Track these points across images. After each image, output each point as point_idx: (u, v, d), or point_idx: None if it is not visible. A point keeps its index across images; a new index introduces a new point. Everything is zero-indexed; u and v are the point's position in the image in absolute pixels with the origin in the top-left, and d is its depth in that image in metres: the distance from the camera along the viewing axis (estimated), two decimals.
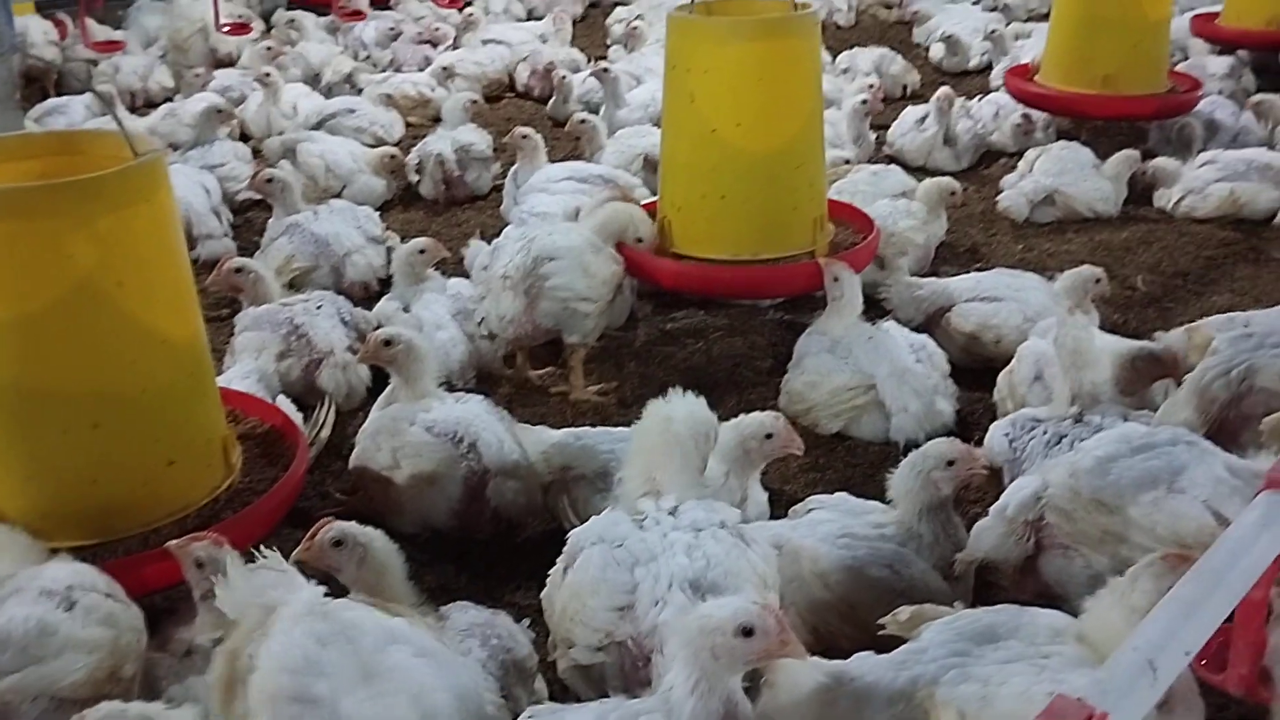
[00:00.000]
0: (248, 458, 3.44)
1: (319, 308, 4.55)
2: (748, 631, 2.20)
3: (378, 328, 4.48)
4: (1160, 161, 6.44)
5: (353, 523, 2.86)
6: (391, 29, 9.03)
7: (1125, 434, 3.22)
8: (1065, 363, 3.68)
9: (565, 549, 2.84)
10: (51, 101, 7.61)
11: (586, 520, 2.91)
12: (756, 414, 3.39)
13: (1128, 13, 6.75)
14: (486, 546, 3.64)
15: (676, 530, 2.71)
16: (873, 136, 7.01)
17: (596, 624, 2.63)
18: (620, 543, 2.71)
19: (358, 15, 9.48)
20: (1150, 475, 3.00)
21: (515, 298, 4.37)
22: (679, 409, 2.92)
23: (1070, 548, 3.03)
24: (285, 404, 3.92)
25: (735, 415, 3.78)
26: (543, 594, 2.87)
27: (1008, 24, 9.59)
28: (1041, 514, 3.08)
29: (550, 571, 2.86)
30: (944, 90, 7.07)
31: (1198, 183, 6.21)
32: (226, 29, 8.75)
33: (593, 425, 4.16)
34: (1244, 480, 2.97)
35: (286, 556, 3.49)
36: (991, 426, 3.79)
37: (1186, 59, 8.40)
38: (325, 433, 4.03)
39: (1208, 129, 7.01)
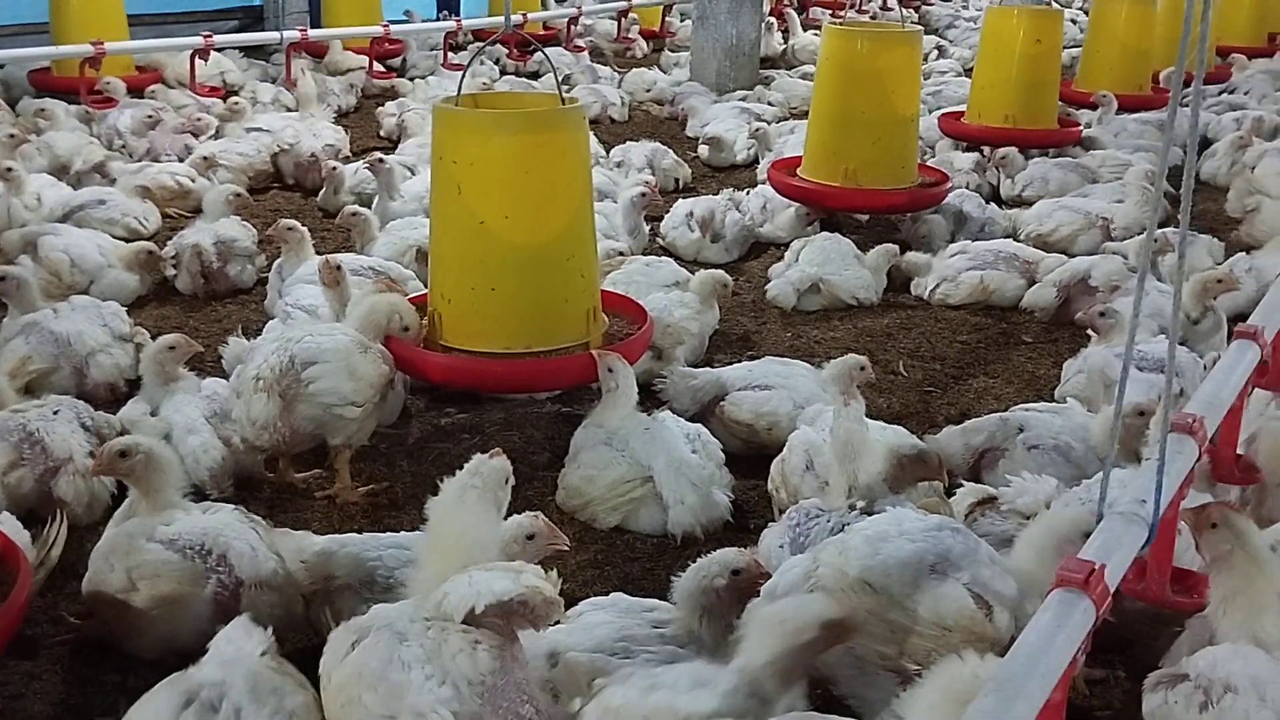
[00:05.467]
0: None
1: (55, 413, 4.19)
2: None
3: (122, 432, 4.21)
4: (911, 255, 6.78)
5: None
6: (149, 117, 8.60)
7: (895, 517, 3.28)
8: (838, 454, 3.72)
9: (360, 623, 2.82)
10: None
11: None
12: (515, 517, 3.29)
13: (875, 110, 7.12)
14: None
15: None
16: (647, 229, 7.10)
17: None
18: (405, 638, 2.70)
19: (109, 102, 9.02)
20: (916, 557, 3.05)
21: (269, 401, 4.13)
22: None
23: None
24: (8, 521, 3.56)
25: (513, 511, 3.66)
26: (323, 661, 2.82)
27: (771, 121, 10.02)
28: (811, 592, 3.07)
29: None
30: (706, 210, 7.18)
31: (950, 271, 6.56)
32: None
33: (362, 529, 3.96)
34: (1006, 568, 3.04)
35: (11, 690, 3.21)
36: (765, 531, 3.78)
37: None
38: (56, 552, 3.67)
39: (956, 221, 7.44)
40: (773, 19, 14.73)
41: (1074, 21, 16.37)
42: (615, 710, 2.68)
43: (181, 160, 8.12)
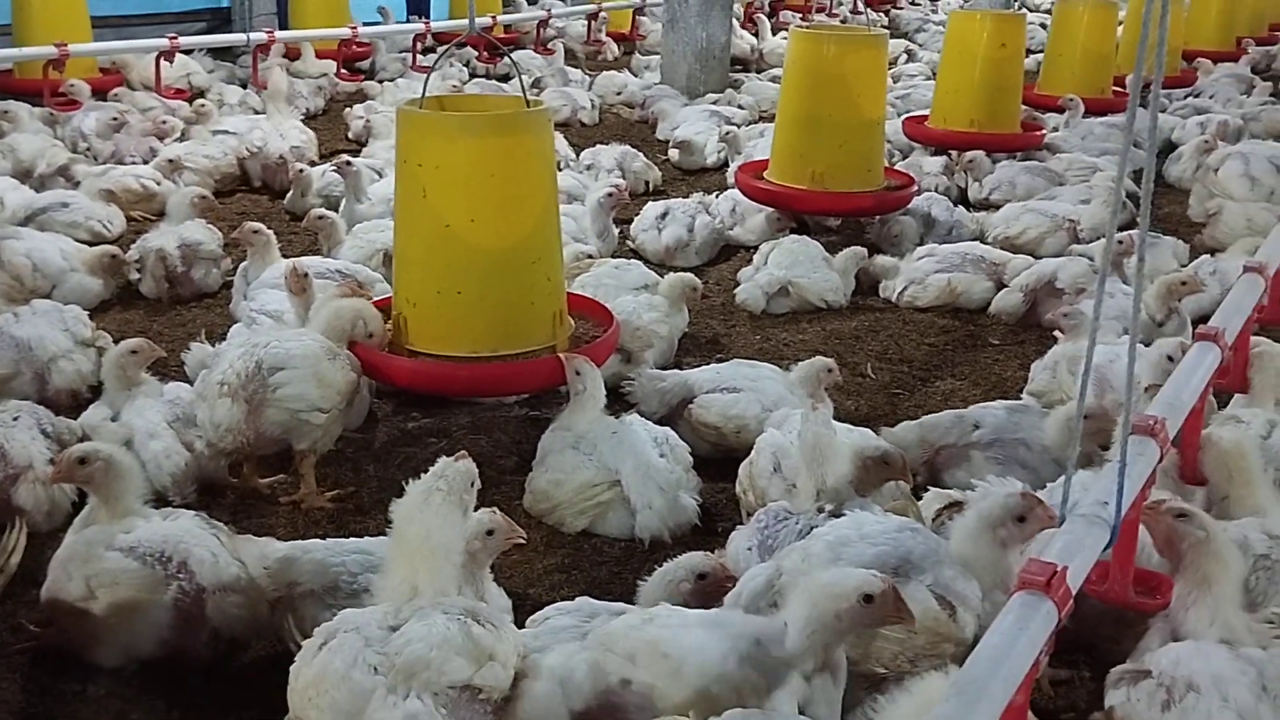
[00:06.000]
0: None
1: (15, 419, 4.14)
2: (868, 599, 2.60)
3: (83, 438, 4.16)
4: (879, 258, 6.81)
5: None
6: (115, 119, 8.52)
7: (857, 520, 3.28)
8: (807, 458, 3.72)
9: (330, 626, 2.85)
10: None
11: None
12: (471, 515, 3.27)
13: (841, 113, 7.13)
14: (203, 674, 3.34)
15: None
16: (616, 231, 7.09)
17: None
18: (372, 643, 2.74)
19: (73, 104, 8.94)
20: (879, 561, 3.05)
21: (234, 406, 4.09)
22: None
23: None
24: None
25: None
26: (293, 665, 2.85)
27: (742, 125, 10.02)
28: (775, 601, 3.06)
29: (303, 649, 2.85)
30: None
31: (918, 274, 6.57)
32: None
33: (327, 534, 3.94)
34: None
35: None
36: (733, 534, 3.77)
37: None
38: (16, 559, 3.62)
39: (925, 224, 7.46)
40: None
41: (1043, 26, 16.50)
42: (606, 635, 2.75)
43: (146, 163, 8.05)
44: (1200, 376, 3.63)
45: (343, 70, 11.76)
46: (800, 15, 17.17)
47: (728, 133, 9.35)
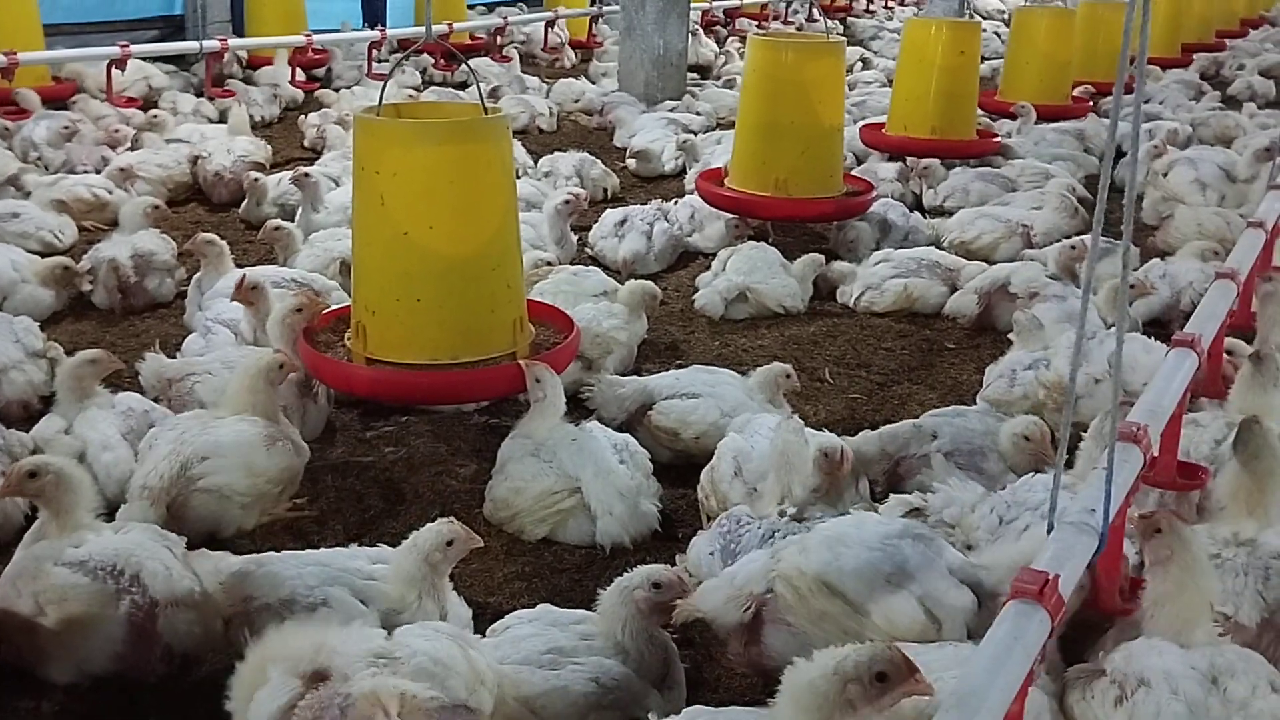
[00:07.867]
0: None
1: None
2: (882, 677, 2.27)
3: (35, 451, 4.10)
4: (836, 264, 6.85)
5: None
6: (66, 128, 8.40)
7: (859, 520, 3.34)
8: (776, 466, 3.73)
9: None
10: None
11: None
12: (429, 527, 3.28)
13: (801, 120, 7.17)
14: (157, 689, 3.29)
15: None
16: (575, 238, 7.09)
17: None
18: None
19: (25, 113, 8.81)
20: (873, 566, 3.08)
21: (152, 510, 3.83)
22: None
23: (792, 624, 3.09)
24: None
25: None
26: None
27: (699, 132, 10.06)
28: (770, 587, 3.12)
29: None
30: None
31: (875, 279, 6.62)
32: None
33: (284, 545, 3.90)
34: (965, 577, 3.11)
35: None
36: (694, 539, 3.78)
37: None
38: None
39: (881, 229, 7.51)
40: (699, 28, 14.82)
41: (997, 34, 16.70)
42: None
43: (98, 172, 7.95)
44: (1179, 382, 3.65)
45: (298, 78, 11.67)
46: (757, 23, 17.26)
47: (685, 140, 9.38)
